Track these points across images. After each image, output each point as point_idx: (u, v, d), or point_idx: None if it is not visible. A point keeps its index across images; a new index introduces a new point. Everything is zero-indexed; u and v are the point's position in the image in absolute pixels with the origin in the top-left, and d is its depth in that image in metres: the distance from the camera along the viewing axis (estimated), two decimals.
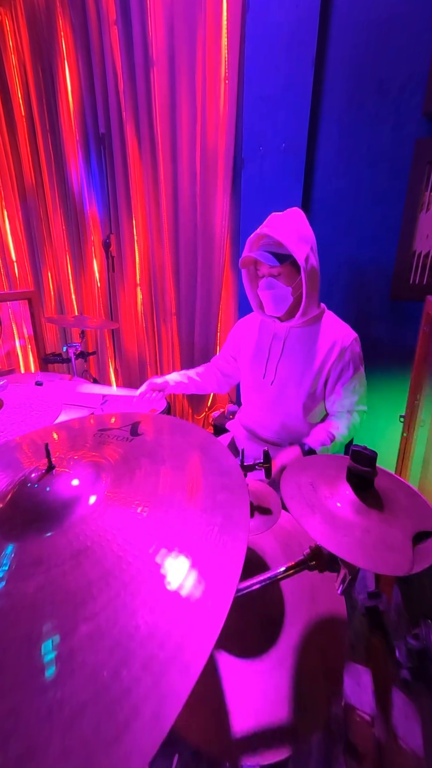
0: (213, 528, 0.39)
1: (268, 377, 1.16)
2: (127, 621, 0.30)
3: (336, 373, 1.07)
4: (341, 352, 1.06)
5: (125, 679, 0.26)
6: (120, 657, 0.27)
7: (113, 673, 0.26)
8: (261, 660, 0.56)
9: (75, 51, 1.94)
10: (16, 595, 0.33)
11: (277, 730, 0.49)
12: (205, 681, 0.54)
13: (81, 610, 0.31)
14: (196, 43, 1.58)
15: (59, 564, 0.35)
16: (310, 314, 1.07)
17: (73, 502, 0.41)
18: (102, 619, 0.30)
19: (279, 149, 1.45)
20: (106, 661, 0.27)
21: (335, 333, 1.08)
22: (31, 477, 0.44)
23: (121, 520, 0.40)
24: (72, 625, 0.30)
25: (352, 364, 1.07)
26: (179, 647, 0.28)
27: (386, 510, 0.51)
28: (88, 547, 0.36)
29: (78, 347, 1.64)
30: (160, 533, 0.38)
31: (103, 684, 0.26)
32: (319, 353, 1.08)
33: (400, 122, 1.23)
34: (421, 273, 1.30)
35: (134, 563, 0.34)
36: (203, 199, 1.73)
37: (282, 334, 1.14)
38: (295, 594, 0.65)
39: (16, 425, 0.82)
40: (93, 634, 0.29)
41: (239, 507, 0.42)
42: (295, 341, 1.12)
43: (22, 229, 2.54)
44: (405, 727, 0.46)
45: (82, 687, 0.26)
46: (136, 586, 0.32)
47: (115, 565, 0.34)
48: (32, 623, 0.30)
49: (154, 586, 0.32)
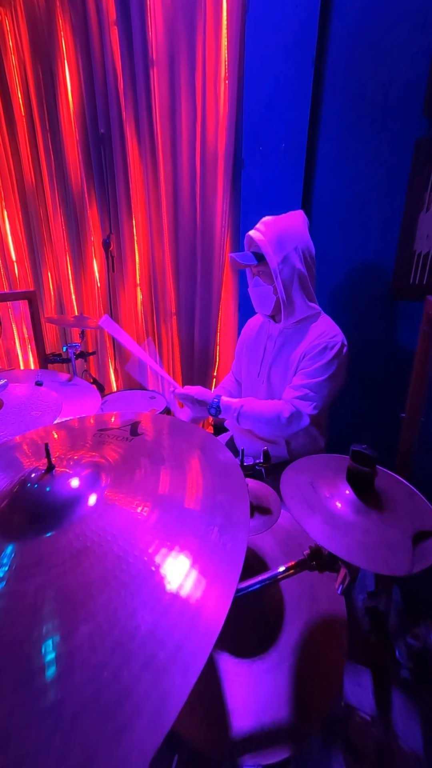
0: (213, 528, 0.39)
1: (262, 376, 1.18)
2: (127, 621, 0.30)
3: (306, 361, 1.05)
4: (320, 344, 1.03)
5: (125, 679, 0.26)
6: (120, 657, 0.27)
7: (113, 673, 0.26)
8: (261, 660, 0.56)
9: (75, 51, 1.94)
10: (16, 596, 0.33)
11: (277, 730, 0.49)
12: (205, 681, 0.54)
13: (81, 610, 0.31)
14: (196, 43, 1.58)
15: (59, 564, 0.35)
16: (299, 315, 1.07)
17: (73, 502, 0.41)
18: (102, 620, 0.30)
19: (279, 149, 1.45)
20: (106, 661, 0.27)
21: (323, 333, 1.06)
22: (31, 477, 0.44)
23: (121, 520, 0.40)
24: (72, 625, 0.30)
25: (323, 358, 1.02)
26: (179, 647, 0.28)
27: (386, 510, 0.51)
28: (88, 547, 0.36)
29: (78, 347, 1.64)
30: (160, 533, 0.38)
31: (103, 684, 0.26)
32: (303, 347, 1.08)
33: (400, 122, 1.23)
34: (421, 273, 1.29)
35: (134, 563, 0.34)
36: (203, 199, 1.73)
37: (275, 335, 1.15)
38: (295, 594, 0.65)
39: (16, 425, 0.82)
40: (93, 634, 0.29)
41: (239, 507, 0.42)
42: (286, 340, 1.13)
43: (22, 229, 2.54)
44: (405, 727, 0.46)
45: (83, 687, 0.26)
46: (137, 587, 0.32)
47: (115, 565, 0.34)
48: (32, 623, 0.30)
49: (154, 586, 0.32)
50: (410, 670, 0.55)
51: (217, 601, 0.31)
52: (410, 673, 0.55)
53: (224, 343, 1.98)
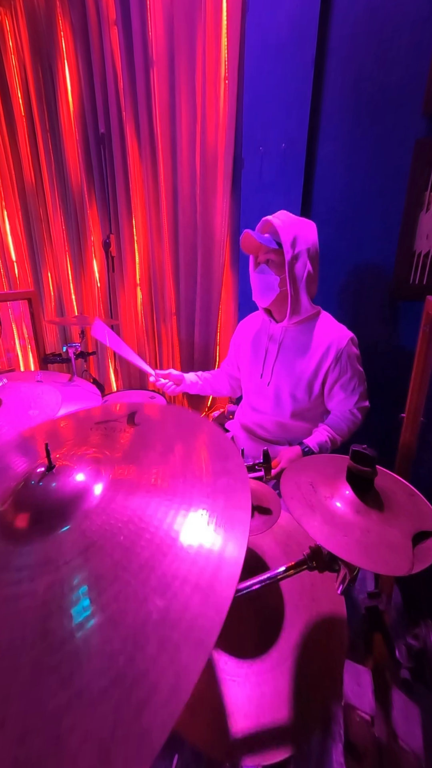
0: (216, 512, 0.40)
1: (265, 378, 1.17)
2: (138, 608, 0.31)
3: (334, 376, 1.08)
4: (337, 355, 1.06)
5: (141, 662, 0.27)
6: (135, 642, 0.29)
7: (129, 658, 0.28)
8: (261, 660, 0.56)
9: (75, 51, 1.94)
10: (27, 596, 0.33)
11: (278, 730, 0.49)
12: (205, 681, 0.54)
13: (93, 603, 0.32)
14: (196, 43, 1.58)
15: (68, 561, 0.36)
16: (303, 313, 1.08)
17: (77, 498, 0.42)
18: (114, 610, 0.31)
19: (279, 149, 1.45)
20: (121, 648, 0.28)
21: (330, 335, 1.08)
22: (33, 476, 0.44)
23: (126, 513, 0.40)
24: (85, 618, 0.31)
25: (349, 365, 1.07)
26: (191, 626, 0.29)
27: (386, 510, 0.51)
28: (96, 542, 0.37)
29: (78, 347, 1.64)
30: (164, 522, 0.39)
31: (119, 669, 0.27)
32: (314, 355, 1.08)
33: (400, 122, 1.23)
34: (421, 273, 1.29)
35: (142, 553, 0.35)
36: (203, 199, 1.72)
37: (278, 336, 1.15)
38: (295, 594, 0.65)
39: (16, 424, 0.82)
40: (107, 624, 0.30)
41: (240, 490, 0.43)
42: (291, 342, 1.13)
43: (22, 229, 2.54)
44: (405, 727, 0.46)
45: (99, 675, 0.27)
46: (146, 575, 0.33)
47: (123, 556, 0.35)
48: (45, 621, 0.31)
49: (163, 573, 0.33)
50: (410, 670, 0.55)
51: (225, 580, 0.33)
52: (410, 673, 0.55)
53: (224, 343, 1.98)
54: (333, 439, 1.09)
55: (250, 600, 0.56)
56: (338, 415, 1.13)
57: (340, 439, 1.10)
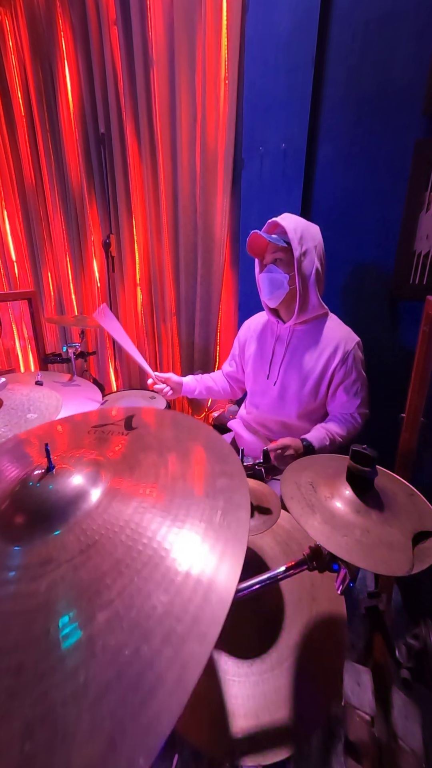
0: (216, 511, 0.40)
1: (272, 378, 1.17)
2: (143, 603, 0.31)
3: (339, 376, 1.08)
4: (344, 356, 1.06)
5: (147, 655, 0.28)
6: (140, 636, 0.29)
7: (134, 651, 0.28)
8: (261, 660, 0.56)
9: (75, 51, 1.94)
10: (29, 596, 0.34)
11: (278, 730, 0.49)
12: (205, 681, 0.54)
13: (97, 600, 0.32)
14: (196, 43, 1.58)
15: (69, 560, 0.36)
16: (311, 311, 1.08)
17: (77, 498, 0.42)
18: (119, 605, 0.32)
19: (279, 149, 1.45)
20: (126, 641, 0.29)
21: (338, 336, 1.08)
22: (32, 477, 0.44)
23: (127, 511, 0.40)
24: (89, 614, 0.31)
25: (354, 368, 1.08)
26: (196, 619, 0.30)
27: (386, 510, 0.51)
28: (97, 541, 0.37)
29: (78, 347, 1.64)
30: (166, 520, 0.39)
31: (125, 662, 0.28)
32: (322, 355, 1.08)
33: (400, 122, 1.23)
34: (421, 273, 1.29)
35: (144, 551, 0.36)
36: (203, 199, 1.72)
37: (285, 336, 1.14)
38: (295, 594, 0.65)
39: (16, 425, 0.82)
40: (111, 619, 0.31)
41: (239, 491, 0.43)
42: (298, 343, 1.13)
43: (22, 229, 2.54)
44: (405, 727, 0.46)
45: (105, 668, 0.28)
46: (149, 572, 0.34)
47: (125, 554, 0.36)
48: (48, 619, 0.32)
49: (166, 569, 0.34)
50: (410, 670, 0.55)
51: (228, 573, 0.34)
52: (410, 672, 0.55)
53: (224, 343, 1.98)
54: (332, 438, 1.09)
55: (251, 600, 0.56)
56: (339, 417, 1.13)
57: (339, 440, 1.10)
